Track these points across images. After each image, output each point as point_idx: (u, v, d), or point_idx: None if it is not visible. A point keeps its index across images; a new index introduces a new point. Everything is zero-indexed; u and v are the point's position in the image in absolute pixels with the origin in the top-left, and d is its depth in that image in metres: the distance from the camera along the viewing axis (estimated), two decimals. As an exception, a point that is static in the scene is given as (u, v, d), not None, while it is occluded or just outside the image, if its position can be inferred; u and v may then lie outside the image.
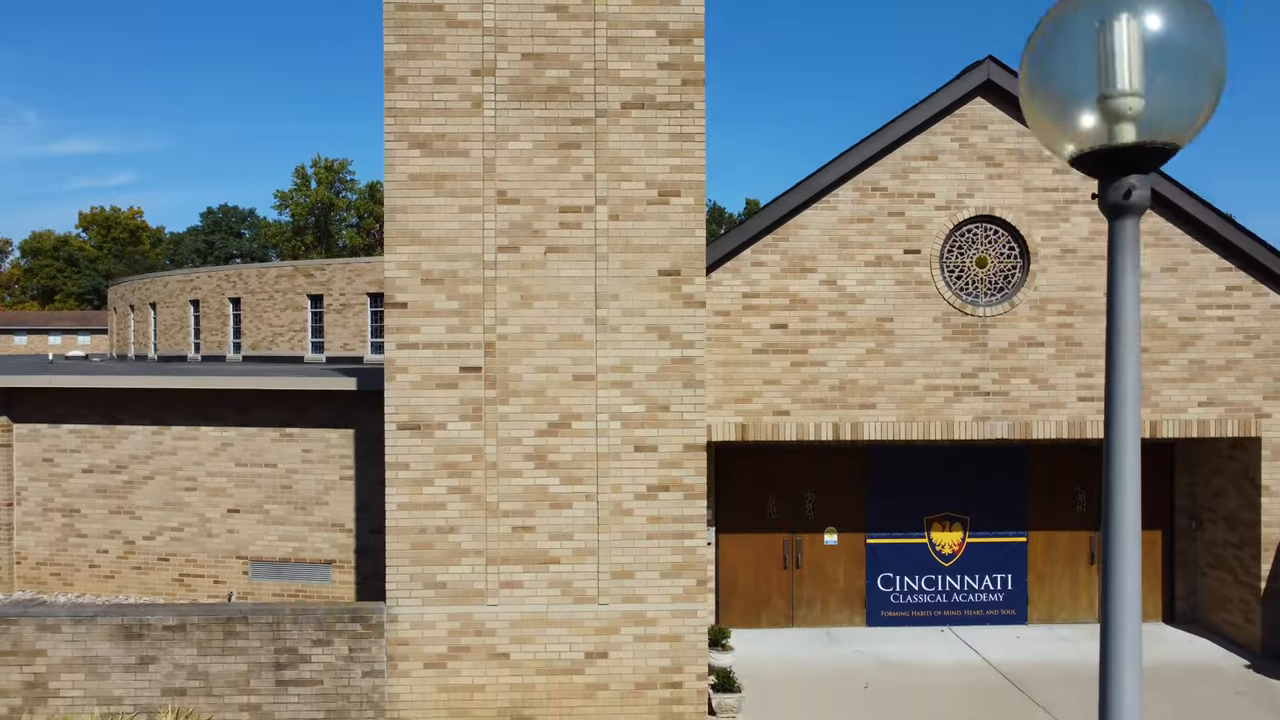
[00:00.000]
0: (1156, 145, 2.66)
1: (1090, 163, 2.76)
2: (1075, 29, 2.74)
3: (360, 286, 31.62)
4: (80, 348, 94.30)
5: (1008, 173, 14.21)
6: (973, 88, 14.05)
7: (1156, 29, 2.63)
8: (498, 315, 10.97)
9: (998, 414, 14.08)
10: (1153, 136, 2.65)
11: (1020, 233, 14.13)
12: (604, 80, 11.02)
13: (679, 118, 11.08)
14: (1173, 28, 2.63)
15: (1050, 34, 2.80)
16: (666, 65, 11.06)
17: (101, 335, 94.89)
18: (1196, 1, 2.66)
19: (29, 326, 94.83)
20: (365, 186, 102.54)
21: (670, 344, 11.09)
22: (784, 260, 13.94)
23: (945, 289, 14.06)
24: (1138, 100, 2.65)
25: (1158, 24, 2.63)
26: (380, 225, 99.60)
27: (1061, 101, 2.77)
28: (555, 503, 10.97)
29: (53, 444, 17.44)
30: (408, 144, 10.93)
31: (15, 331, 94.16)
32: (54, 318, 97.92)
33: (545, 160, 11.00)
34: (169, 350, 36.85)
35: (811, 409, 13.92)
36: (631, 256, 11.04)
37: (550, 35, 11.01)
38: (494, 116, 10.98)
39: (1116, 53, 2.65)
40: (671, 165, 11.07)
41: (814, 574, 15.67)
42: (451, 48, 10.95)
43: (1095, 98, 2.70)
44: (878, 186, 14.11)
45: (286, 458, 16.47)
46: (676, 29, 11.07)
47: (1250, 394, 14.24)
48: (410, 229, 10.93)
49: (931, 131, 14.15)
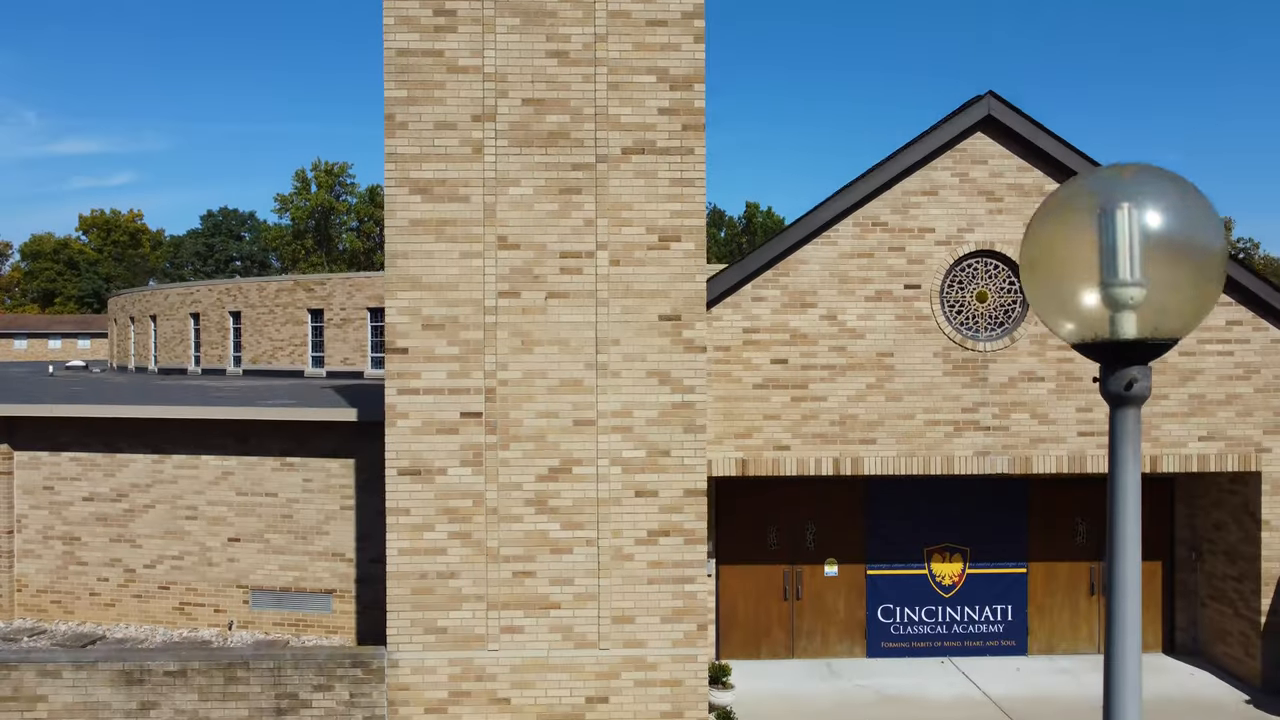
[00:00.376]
0: (1158, 341, 2.67)
1: (1091, 349, 2.77)
2: (1077, 213, 2.75)
3: (360, 301, 31.63)
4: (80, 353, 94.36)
5: (1008, 207, 14.22)
6: (973, 123, 14.05)
7: (1157, 225, 2.64)
8: (498, 361, 10.98)
9: (998, 449, 14.09)
10: (1154, 332, 2.66)
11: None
12: (604, 126, 11.03)
13: (679, 163, 11.09)
14: (1174, 223, 2.64)
15: (1054, 213, 2.81)
16: (667, 111, 11.07)
17: (102, 339, 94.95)
18: (1196, 197, 2.67)
19: (29, 330, 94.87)
20: (365, 190, 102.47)
21: (671, 389, 11.10)
22: (784, 295, 13.94)
23: (945, 324, 14.06)
24: (1139, 290, 2.66)
25: (1158, 220, 2.64)
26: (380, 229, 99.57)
27: (1062, 283, 2.78)
28: (556, 548, 10.98)
29: (53, 471, 17.45)
30: (408, 189, 10.94)
31: (15, 336, 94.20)
32: (54, 321, 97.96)
33: (546, 205, 11.01)
34: (169, 363, 36.86)
35: (812, 444, 13.93)
36: (632, 302, 11.05)
37: (551, 81, 11.02)
38: (495, 162, 10.98)
39: (1118, 242, 2.66)
40: (672, 210, 11.08)
41: (814, 605, 15.68)
42: (452, 93, 10.96)
43: (1096, 283, 2.70)
44: (878, 221, 14.12)
45: (287, 487, 16.48)
46: (677, 75, 11.08)
47: (1250, 428, 14.25)
48: (411, 274, 10.93)
49: (932, 166, 14.16)
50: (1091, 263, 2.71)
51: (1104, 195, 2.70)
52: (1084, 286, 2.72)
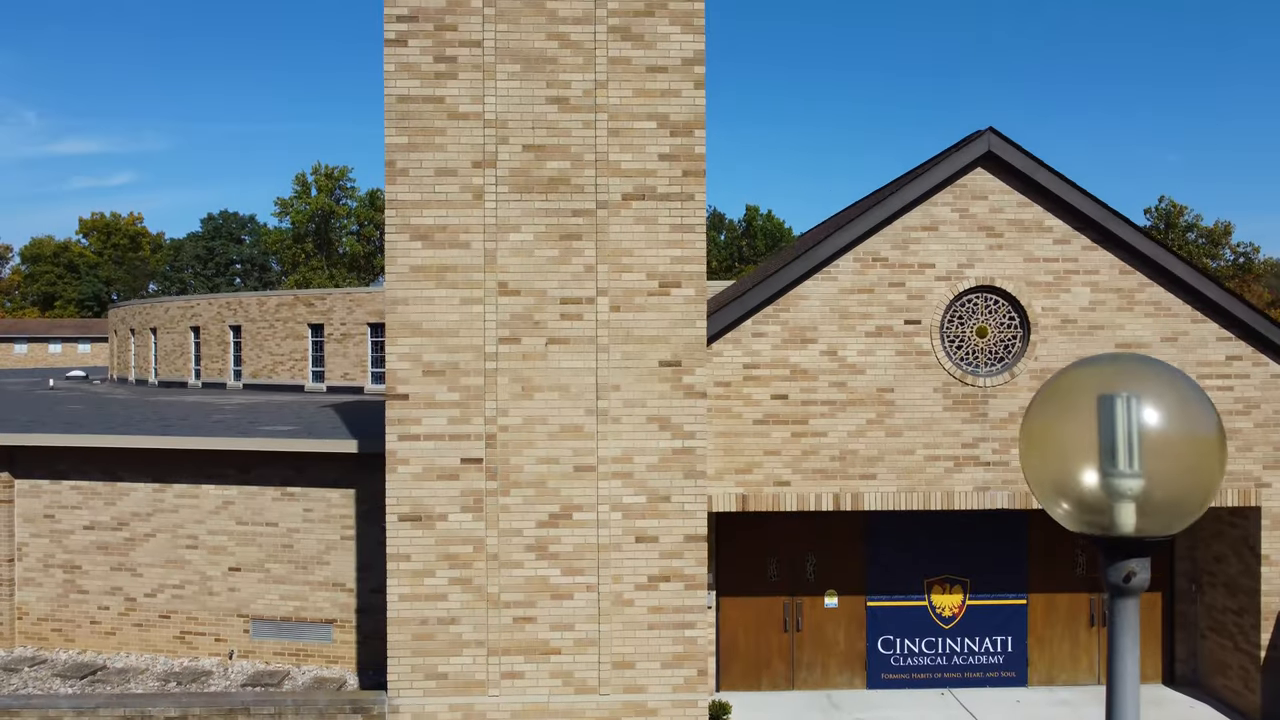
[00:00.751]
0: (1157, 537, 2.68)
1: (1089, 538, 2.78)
2: (1078, 400, 2.76)
3: (360, 316, 31.65)
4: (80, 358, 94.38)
5: (1008, 243, 14.23)
6: (973, 159, 14.06)
7: (1156, 419, 2.65)
8: (499, 407, 10.99)
9: (998, 484, 14.10)
10: (1152, 528, 2.67)
11: (1020, 303, 14.15)
12: (605, 171, 11.04)
13: (679, 209, 11.10)
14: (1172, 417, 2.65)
15: (1054, 399, 2.82)
16: (667, 157, 11.08)
17: (102, 344, 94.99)
18: (1194, 390, 2.68)
19: (29, 335, 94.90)
20: (365, 194, 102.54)
21: (671, 435, 11.11)
22: (785, 331, 13.95)
23: (946, 359, 14.08)
24: (1138, 482, 2.67)
25: (1156, 416, 2.65)
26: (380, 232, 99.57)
27: (1061, 469, 2.79)
28: (556, 593, 11.00)
29: (54, 500, 17.47)
30: (409, 236, 10.95)
31: (15, 340, 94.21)
32: (54, 325, 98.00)
33: (546, 252, 11.02)
34: (169, 376, 36.87)
35: (812, 479, 13.95)
36: (632, 348, 11.06)
37: (551, 127, 11.03)
38: (495, 208, 11.00)
39: (1118, 433, 2.66)
40: (672, 256, 11.10)
41: (814, 636, 15.69)
42: (453, 140, 10.97)
43: (1096, 473, 2.71)
44: (878, 257, 14.13)
45: (288, 516, 16.50)
46: (677, 121, 11.09)
47: (1250, 463, 14.26)
48: (411, 321, 10.94)
49: (932, 202, 14.17)
50: (1091, 452, 2.72)
51: (1104, 385, 2.71)
52: (1083, 475, 2.73)
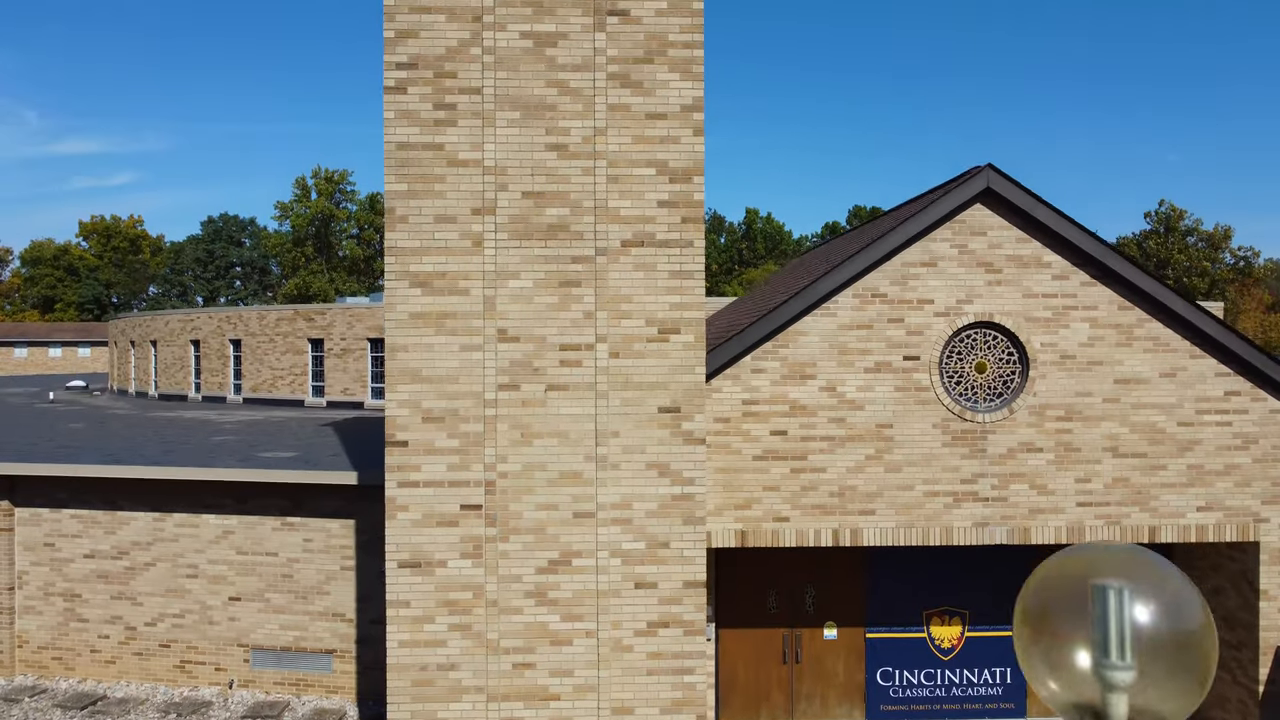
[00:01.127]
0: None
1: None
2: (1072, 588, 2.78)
3: (360, 332, 31.65)
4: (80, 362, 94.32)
5: (1007, 279, 14.24)
6: (972, 195, 14.07)
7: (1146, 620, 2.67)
8: (498, 453, 11.00)
9: (996, 519, 14.12)
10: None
11: (1019, 338, 14.16)
12: (604, 218, 11.05)
13: (679, 255, 11.11)
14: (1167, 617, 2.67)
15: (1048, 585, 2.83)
16: (666, 204, 11.09)
17: (102, 348, 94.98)
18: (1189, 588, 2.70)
19: (29, 339, 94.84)
20: (365, 198, 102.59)
21: (670, 481, 11.13)
22: (784, 367, 13.97)
23: (944, 395, 14.09)
24: (1129, 673, 2.69)
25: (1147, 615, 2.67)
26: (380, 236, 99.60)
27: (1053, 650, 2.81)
28: (555, 639, 11.02)
29: (54, 528, 17.49)
30: (408, 283, 10.96)
31: (15, 344, 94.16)
32: (54, 329, 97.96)
33: (546, 298, 11.03)
34: (169, 389, 36.88)
35: (811, 515, 13.96)
36: (631, 394, 11.08)
37: (551, 174, 11.04)
38: (494, 255, 11.01)
39: (1110, 626, 2.68)
40: (671, 303, 11.11)
41: (814, 669, 15.72)
42: (452, 187, 10.98)
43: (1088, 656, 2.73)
44: (877, 293, 14.14)
45: (288, 547, 16.52)
46: (676, 168, 11.10)
47: (1249, 499, 14.28)
48: (411, 368, 10.96)
49: (931, 238, 14.18)
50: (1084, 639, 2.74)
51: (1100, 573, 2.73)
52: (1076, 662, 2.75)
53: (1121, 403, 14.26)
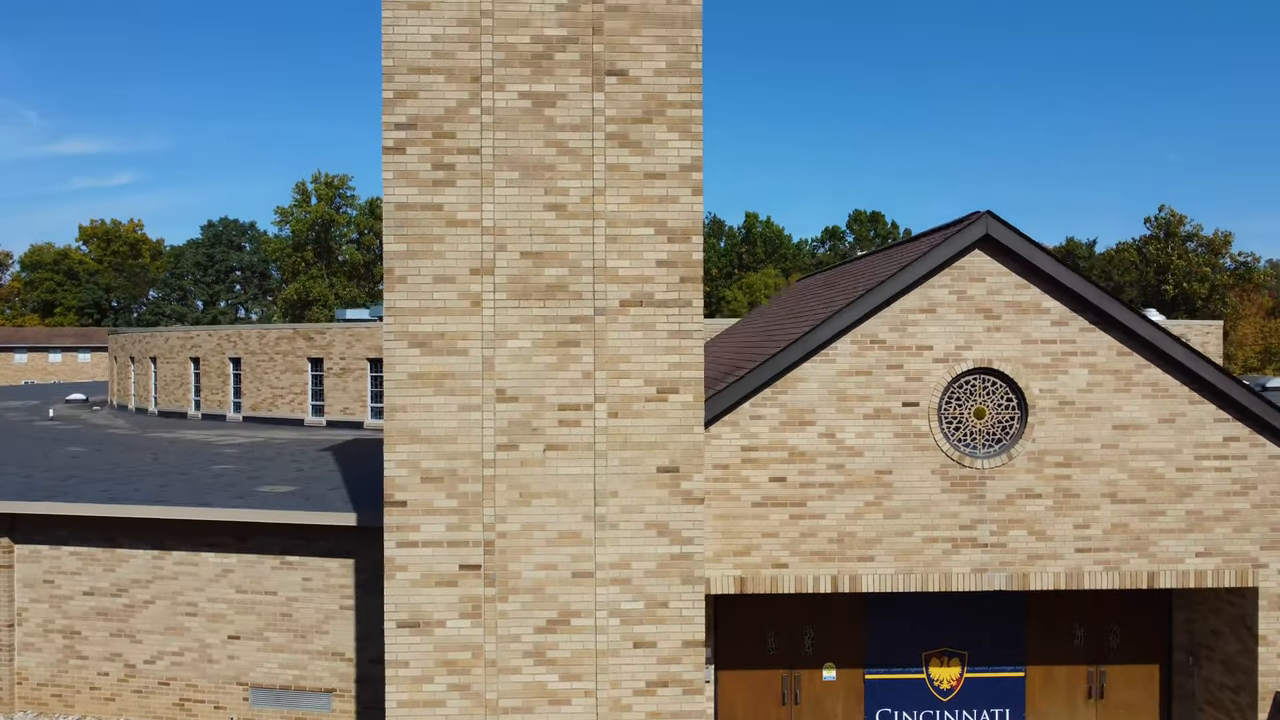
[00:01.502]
0: None
1: None
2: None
3: (360, 351, 31.66)
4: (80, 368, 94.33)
5: (1006, 325, 14.24)
6: (971, 242, 14.07)
7: None
8: (497, 513, 11.01)
9: (995, 565, 14.13)
10: None
11: (1018, 384, 14.17)
12: (603, 278, 11.06)
13: (677, 315, 11.12)
14: None
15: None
16: (665, 263, 11.10)
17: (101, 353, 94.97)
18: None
19: (29, 344, 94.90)
20: (365, 203, 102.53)
21: (669, 540, 11.14)
22: (783, 413, 13.97)
23: (943, 441, 14.09)
24: None
25: None
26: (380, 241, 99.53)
27: None
28: (554, 699, 11.03)
29: (54, 565, 17.50)
30: (407, 343, 10.97)
31: (15, 349, 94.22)
32: (54, 334, 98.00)
33: (544, 358, 11.04)
34: (169, 406, 36.89)
35: (810, 561, 13.97)
36: (630, 454, 11.09)
37: (549, 234, 11.04)
38: (493, 315, 11.01)
39: None
40: (669, 363, 11.12)
41: (813, 710, 15.72)
42: (451, 247, 10.99)
43: None
44: (876, 339, 14.15)
45: (287, 585, 16.53)
46: (675, 227, 11.11)
47: (1247, 544, 14.29)
48: (410, 428, 10.97)
49: (930, 284, 14.18)
50: None
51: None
52: None
53: (1120, 448, 14.27)
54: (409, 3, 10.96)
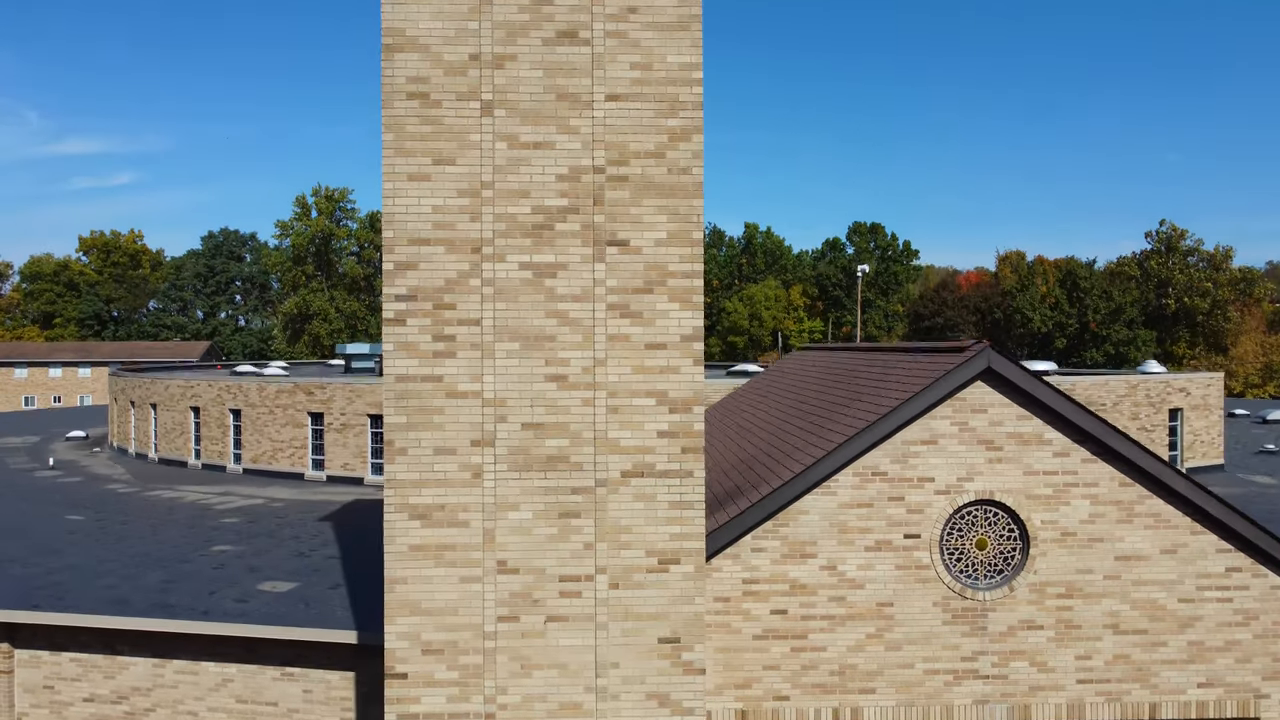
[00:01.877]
0: None
1: None
2: None
3: (360, 408, 31.62)
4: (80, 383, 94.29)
5: (1008, 456, 14.21)
6: (973, 375, 14.04)
7: None
8: (498, 685, 10.99)
9: (997, 697, 14.11)
10: None
11: (1020, 516, 14.14)
12: (604, 449, 11.02)
13: (679, 485, 11.09)
14: None
15: None
16: (666, 434, 11.06)
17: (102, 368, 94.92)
18: None
19: (29, 359, 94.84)
20: (365, 216, 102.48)
21: (670, 711, 11.12)
22: (784, 546, 13.94)
23: (945, 573, 14.07)
24: None
25: None
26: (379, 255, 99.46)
27: None
28: None
29: (54, 671, 17.49)
30: (408, 515, 10.94)
31: (15, 364, 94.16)
32: (55, 349, 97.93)
33: (545, 529, 11.01)
34: (169, 453, 36.86)
35: (811, 694, 13.96)
36: (631, 625, 11.06)
37: (550, 405, 11.01)
38: (494, 487, 10.98)
39: None
40: (671, 533, 11.09)
41: (813, 828, 15.70)
42: (451, 419, 10.95)
43: None
44: (878, 471, 14.11)
45: (288, 697, 16.53)
46: (676, 398, 11.07)
47: (1249, 675, 14.27)
48: (411, 600, 10.94)
49: (932, 415, 14.15)
50: None
51: None
52: None
53: (1122, 579, 14.24)
54: (409, 174, 10.92)
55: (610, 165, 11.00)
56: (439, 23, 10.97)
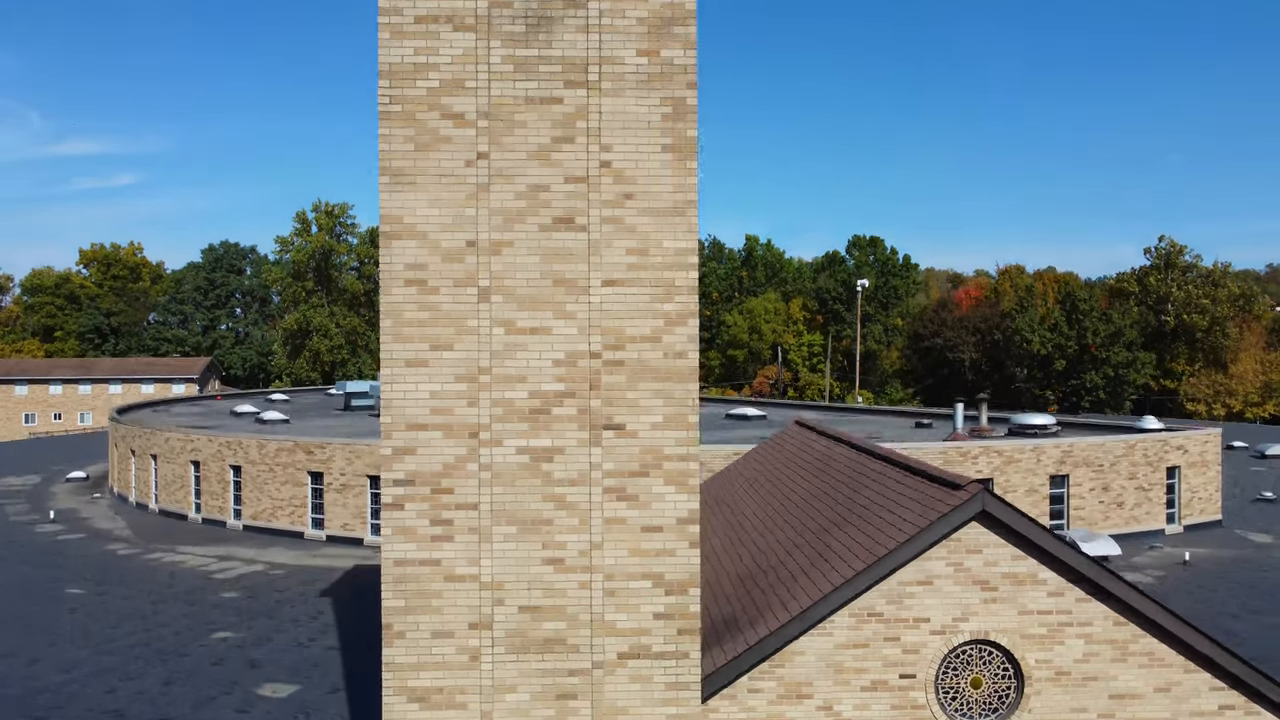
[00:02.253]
0: None
1: None
2: None
3: (360, 468, 31.72)
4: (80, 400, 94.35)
5: (1002, 596, 14.30)
6: (968, 517, 14.12)
7: None
8: None
9: (991, 835, 14.22)
10: None
11: (1015, 655, 14.23)
12: (600, 631, 11.11)
13: (674, 667, 11.18)
14: None
15: None
16: (662, 616, 11.16)
17: (102, 385, 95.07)
18: None
19: (29, 376, 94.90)
20: (365, 231, 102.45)
21: None
22: (780, 686, 14.02)
23: (940, 712, 14.16)
24: None
25: None
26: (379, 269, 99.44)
27: None
28: None
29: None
30: (406, 698, 11.03)
31: (16, 382, 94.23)
32: (54, 365, 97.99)
33: (543, 711, 11.10)
34: (170, 505, 36.96)
35: (808, 833, 14.05)
36: (628, 805, 11.14)
37: (548, 588, 11.09)
38: (491, 670, 11.07)
39: None
40: (668, 714, 11.19)
41: None
42: (449, 602, 11.04)
43: None
44: (874, 612, 14.20)
45: (288, 814, 16.62)
46: (672, 580, 11.17)
47: (1242, 811, 14.36)
48: (409, 782, 11.02)
49: (926, 557, 14.23)
50: None
51: None
52: None
53: (1117, 718, 14.34)
54: (407, 360, 11.00)
55: (606, 350, 11.08)
56: (436, 210, 11.05)
